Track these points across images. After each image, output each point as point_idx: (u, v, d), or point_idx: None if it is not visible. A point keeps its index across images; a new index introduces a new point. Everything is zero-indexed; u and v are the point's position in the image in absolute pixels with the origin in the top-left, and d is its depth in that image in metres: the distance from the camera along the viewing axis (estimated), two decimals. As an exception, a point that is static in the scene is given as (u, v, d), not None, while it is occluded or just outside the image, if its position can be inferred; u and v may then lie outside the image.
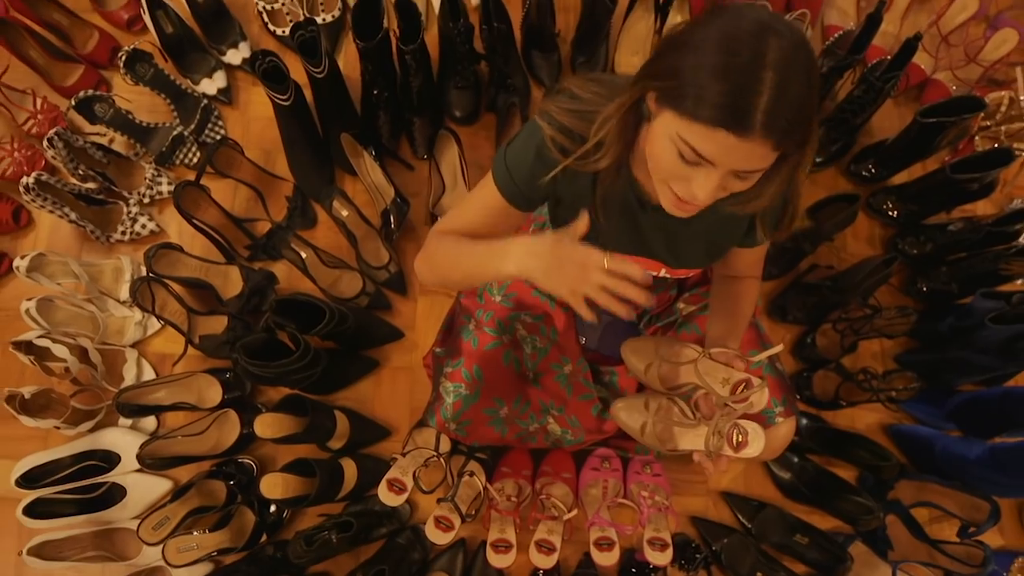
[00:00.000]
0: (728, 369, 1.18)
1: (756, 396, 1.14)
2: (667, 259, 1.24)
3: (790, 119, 0.80)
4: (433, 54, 1.96)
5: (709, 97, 0.80)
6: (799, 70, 0.80)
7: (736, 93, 0.79)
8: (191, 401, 1.76)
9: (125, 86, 1.95)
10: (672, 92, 0.85)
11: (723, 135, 0.81)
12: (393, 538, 1.73)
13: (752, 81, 0.78)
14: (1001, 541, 1.85)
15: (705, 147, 0.84)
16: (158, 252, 1.73)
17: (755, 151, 0.82)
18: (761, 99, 0.78)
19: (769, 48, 0.79)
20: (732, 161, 0.85)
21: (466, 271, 1.12)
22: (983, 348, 1.75)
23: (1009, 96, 2.02)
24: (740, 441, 1.17)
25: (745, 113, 0.79)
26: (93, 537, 1.71)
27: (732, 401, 1.14)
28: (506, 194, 1.14)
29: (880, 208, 1.98)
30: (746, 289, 1.35)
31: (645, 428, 1.25)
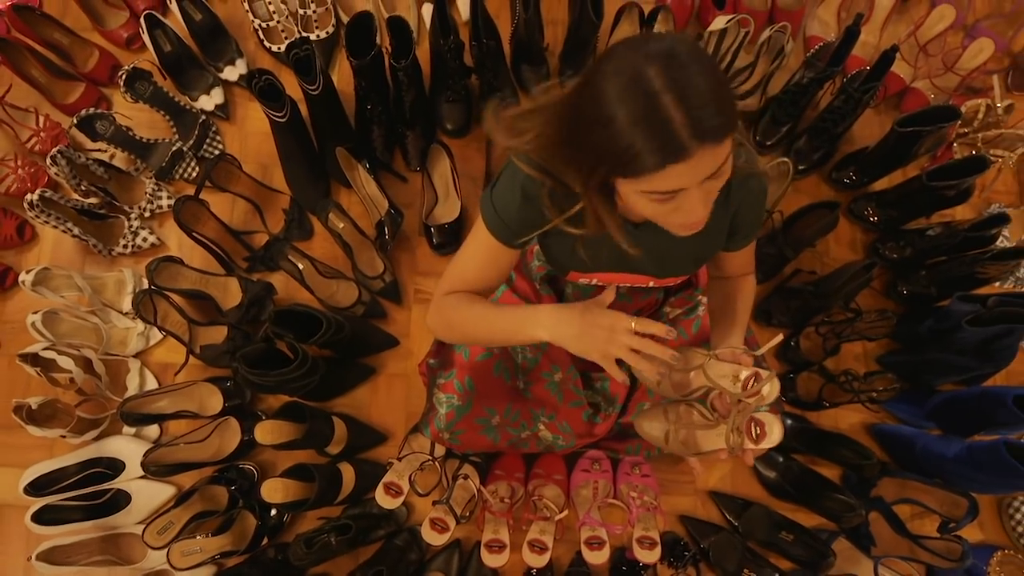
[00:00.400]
0: (736, 366, 1.20)
1: (767, 387, 1.16)
2: (654, 271, 1.28)
3: (712, 114, 0.82)
4: (425, 69, 2.01)
5: (639, 151, 0.83)
6: (686, 73, 0.81)
7: (655, 132, 0.82)
8: (193, 409, 1.81)
9: (125, 103, 1.99)
10: (611, 169, 0.89)
11: (673, 168, 0.84)
12: (391, 540, 1.78)
13: (658, 114, 0.81)
14: (981, 536, 1.90)
15: (668, 184, 0.88)
16: (159, 265, 1.78)
17: (708, 157, 0.85)
18: (676, 122, 0.81)
19: (650, 78, 0.81)
20: (698, 176, 0.88)
21: (492, 335, 1.18)
22: (960, 349, 1.80)
23: (986, 104, 2.08)
24: (759, 433, 1.19)
25: (674, 141, 0.82)
26: (100, 542, 1.76)
27: (744, 396, 1.16)
28: (499, 236, 1.16)
29: (861, 214, 2.04)
30: (741, 286, 1.38)
31: (668, 436, 1.28)
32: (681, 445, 1.26)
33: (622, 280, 1.30)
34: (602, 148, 0.87)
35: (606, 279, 1.30)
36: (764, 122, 2.07)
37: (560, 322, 1.07)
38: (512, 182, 1.11)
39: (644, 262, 1.23)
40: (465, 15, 2.09)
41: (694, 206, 0.93)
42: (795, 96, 1.98)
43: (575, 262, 1.23)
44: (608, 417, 1.64)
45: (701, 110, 0.81)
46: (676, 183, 0.87)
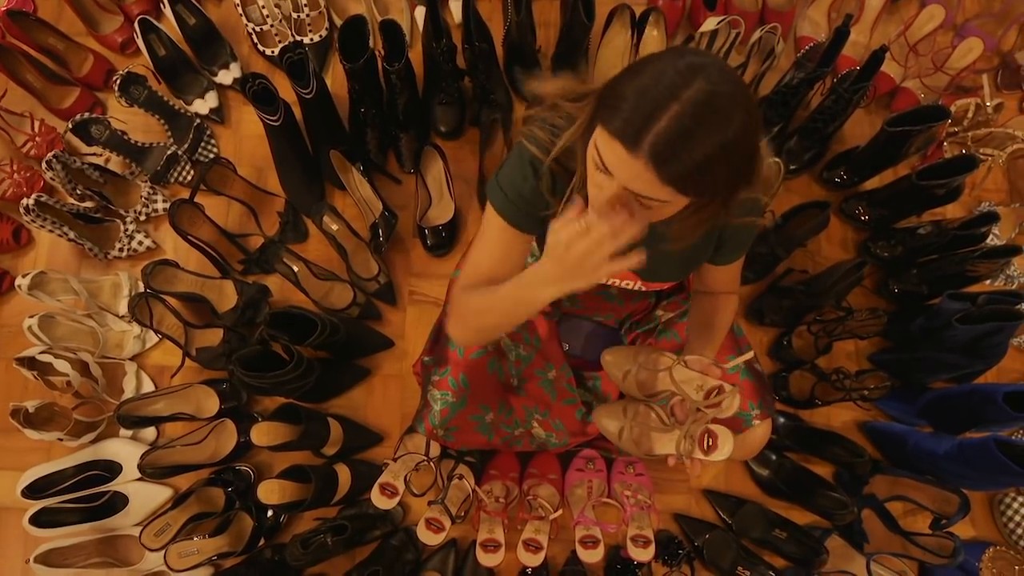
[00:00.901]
0: (703, 376, 1.23)
1: (727, 401, 1.19)
2: (642, 273, 1.31)
3: (682, 157, 0.83)
4: (418, 72, 2.02)
5: (620, 111, 0.86)
6: (711, 117, 0.83)
7: (639, 112, 0.84)
8: (189, 411, 1.82)
9: (120, 107, 2.00)
10: (603, 106, 0.91)
11: (618, 147, 0.87)
12: (387, 540, 1.79)
13: (656, 108, 0.83)
14: (972, 532, 1.91)
15: (606, 155, 0.90)
16: (155, 268, 1.79)
17: (642, 173, 0.86)
18: (657, 125, 0.83)
19: (691, 86, 0.83)
20: (625, 177, 0.90)
21: (504, 311, 1.14)
22: (951, 347, 1.81)
23: (976, 103, 2.09)
24: (711, 445, 1.22)
25: (638, 132, 0.84)
26: (97, 544, 1.77)
27: (704, 406, 1.19)
28: (510, 218, 1.17)
29: (852, 213, 2.05)
30: (722, 304, 1.40)
31: (623, 433, 1.31)
32: (633, 444, 1.29)
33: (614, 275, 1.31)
34: (615, 89, 0.89)
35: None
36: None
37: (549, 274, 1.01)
38: (520, 160, 1.13)
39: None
40: (458, 18, 2.10)
41: (601, 196, 0.95)
42: (786, 96, 1.99)
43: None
44: (601, 416, 1.65)
45: (678, 145, 0.83)
46: (611, 162, 0.90)
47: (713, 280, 1.38)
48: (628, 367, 1.34)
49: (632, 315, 1.67)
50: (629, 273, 1.32)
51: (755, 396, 1.48)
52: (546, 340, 1.63)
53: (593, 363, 1.68)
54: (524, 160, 1.13)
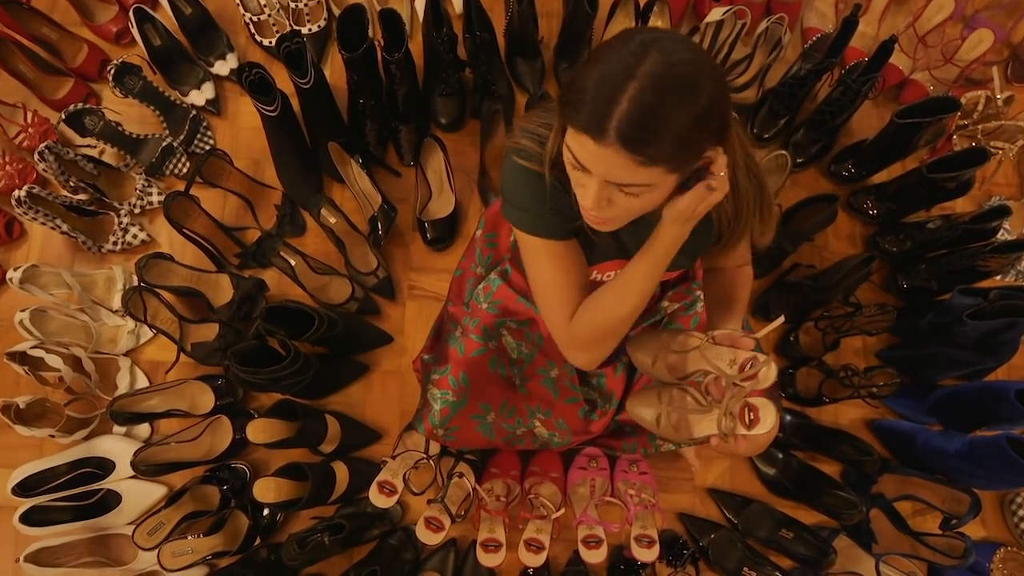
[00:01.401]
0: (733, 350, 1.19)
1: (763, 371, 1.15)
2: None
3: (648, 130, 0.82)
4: (418, 63, 1.99)
5: (582, 103, 0.84)
6: (674, 88, 0.81)
7: (600, 100, 0.82)
8: (184, 408, 1.79)
9: (114, 99, 1.97)
10: (566, 103, 0.88)
11: (587, 140, 0.85)
12: (385, 539, 1.75)
13: (615, 90, 0.81)
14: (983, 532, 1.88)
15: (579, 153, 0.88)
16: (149, 262, 1.75)
17: (616, 160, 0.85)
18: (618, 108, 0.81)
19: (645, 61, 0.81)
20: (601, 169, 0.88)
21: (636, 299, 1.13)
22: (962, 344, 1.78)
23: (985, 95, 2.06)
24: (752, 419, 1.17)
25: (602, 120, 0.82)
26: (89, 543, 1.73)
27: (740, 379, 1.14)
28: (544, 232, 1.13)
29: (860, 207, 2.01)
30: (737, 278, 1.36)
31: (660, 420, 1.26)
32: (672, 429, 1.25)
33: (618, 267, 1.28)
34: (574, 84, 0.87)
35: (604, 269, 1.28)
36: (761, 115, 2.04)
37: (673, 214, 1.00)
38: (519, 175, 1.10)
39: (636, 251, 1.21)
40: (458, 7, 2.06)
41: (587, 193, 0.94)
42: (793, 88, 1.96)
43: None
44: (604, 414, 1.62)
45: (645, 119, 0.81)
46: (585, 158, 0.88)
47: (722, 259, 1.34)
48: (656, 352, 1.29)
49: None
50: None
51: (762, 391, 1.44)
52: (548, 338, 1.59)
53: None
54: (522, 174, 1.09)
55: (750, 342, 1.17)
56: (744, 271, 1.38)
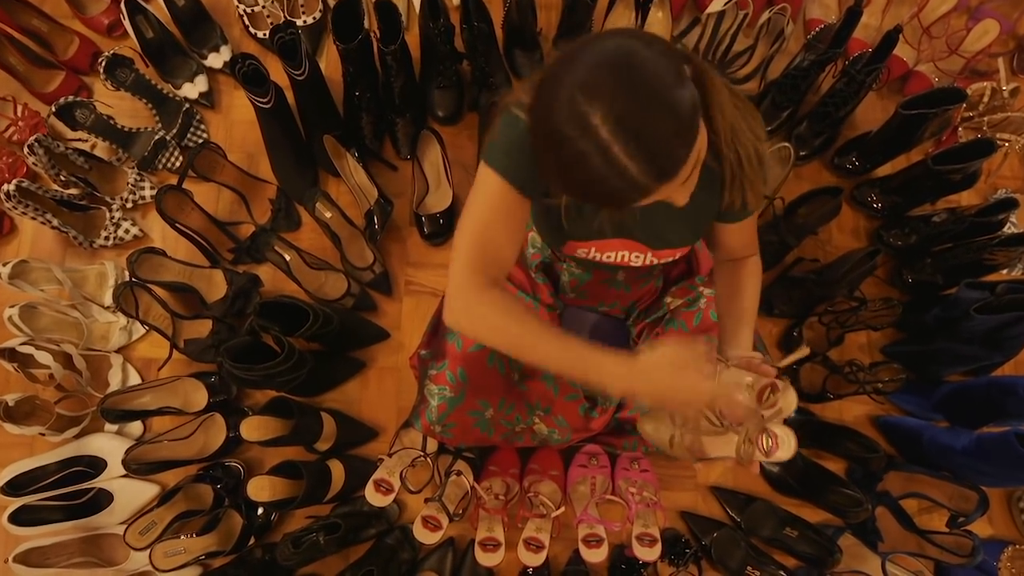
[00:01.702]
0: (752, 375, 1.14)
1: (784, 401, 1.12)
2: (650, 241, 1.24)
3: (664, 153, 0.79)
4: (415, 55, 1.96)
5: (609, 196, 0.82)
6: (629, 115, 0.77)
7: (618, 179, 0.80)
8: (177, 405, 1.76)
9: (106, 92, 1.93)
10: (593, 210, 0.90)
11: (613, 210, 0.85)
12: (382, 538, 1.72)
13: (614, 166, 0.79)
14: (991, 531, 1.84)
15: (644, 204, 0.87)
16: (140, 257, 1.72)
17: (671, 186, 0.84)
18: (631, 172, 0.79)
19: (596, 129, 0.77)
20: (668, 193, 0.87)
21: (540, 359, 1.04)
22: (968, 338, 1.75)
23: (991, 87, 2.02)
24: (771, 445, 1.13)
25: (636, 185, 0.80)
26: (80, 543, 1.70)
27: (760, 408, 1.11)
28: (509, 175, 1.03)
29: (864, 200, 1.98)
30: (746, 271, 1.31)
31: (673, 441, 1.22)
32: (686, 451, 1.20)
33: (619, 247, 1.25)
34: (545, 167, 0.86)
35: (603, 247, 1.25)
36: (764, 107, 2.01)
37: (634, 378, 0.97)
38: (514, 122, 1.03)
39: (639, 229, 1.21)
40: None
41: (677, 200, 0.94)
42: (796, 80, 1.93)
43: (573, 228, 1.19)
44: (605, 411, 1.59)
45: (654, 157, 0.79)
46: (651, 201, 0.87)
47: (729, 242, 1.29)
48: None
49: (638, 303, 1.61)
50: (637, 244, 1.24)
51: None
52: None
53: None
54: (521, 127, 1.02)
55: (770, 370, 1.13)
56: (750, 263, 1.33)
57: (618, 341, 1.62)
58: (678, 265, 1.59)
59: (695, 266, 1.59)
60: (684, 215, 1.15)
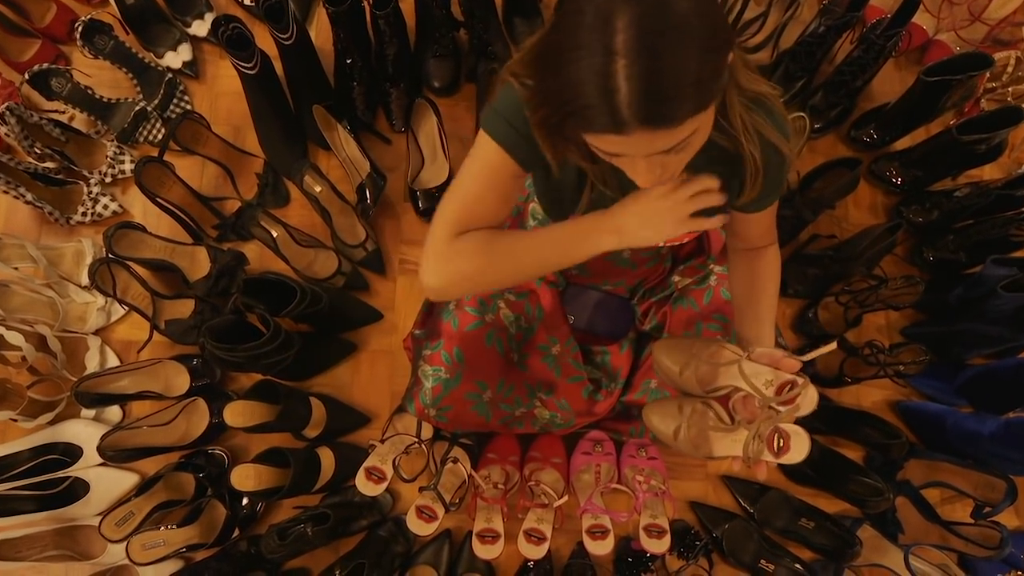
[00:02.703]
0: (772, 370, 1.06)
1: (803, 398, 1.04)
2: None
3: (666, 97, 0.72)
4: (410, 23, 1.87)
5: (581, 110, 0.75)
6: (657, 37, 0.70)
7: (598, 98, 0.72)
8: (157, 389, 1.66)
9: (85, 61, 1.84)
10: (565, 120, 0.80)
11: (611, 137, 0.77)
12: (374, 530, 1.64)
13: (606, 79, 0.71)
14: (1017, 522, 1.76)
15: (609, 148, 0.80)
16: (118, 232, 1.63)
17: (650, 139, 0.76)
18: (620, 95, 0.71)
19: (615, 32, 0.70)
20: (640, 151, 0.80)
21: (533, 267, 1.06)
22: (995, 318, 1.66)
23: (1016, 56, 1.93)
24: (782, 446, 1.06)
25: (615, 115, 0.73)
26: (54, 535, 1.61)
27: (777, 403, 1.02)
28: (510, 147, 0.98)
29: (883, 175, 1.89)
30: (763, 261, 1.23)
31: (679, 433, 1.13)
32: (691, 445, 1.12)
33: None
34: (549, 93, 0.80)
35: None
36: (776, 77, 1.91)
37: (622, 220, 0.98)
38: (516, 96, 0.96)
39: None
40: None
41: (637, 174, 0.87)
42: (811, 47, 1.83)
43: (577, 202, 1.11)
44: (610, 394, 1.52)
45: (656, 89, 0.71)
46: (618, 150, 0.81)
47: (747, 231, 1.20)
48: (685, 360, 1.15)
49: (645, 282, 1.52)
50: None
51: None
52: (549, 311, 1.48)
53: (601, 336, 1.53)
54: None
55: (794, 364, 1.05)
56: (769, 253, 1.24)
57: (623, 319, 1.54)
58: (688, 243, 1.49)
59: (706, 245, 1.50)
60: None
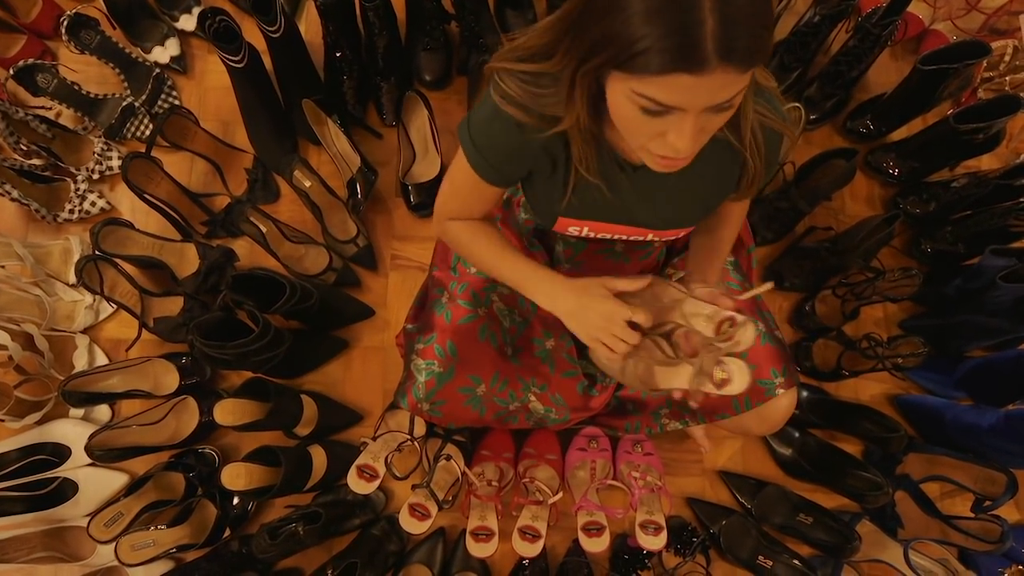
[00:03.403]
0: (714, 308, 1.09)
1: (741, 333, 1.06)
2: (654, 223, 1.13)
3: (748, 34, 0.70)
4: (400, 16, 1.85)
5: (652, 45, 0.71)
6: None
7: (679, 31, 0.69)
8: (146, 388, 1.64)
9: (72, 57, 1.82)
10: (612, 59, 0.75)
11: (682, 78, 0.72)
12: (367, 529, 1.61)
13: (690, 11, 0.69)
14: (1018, 515, 1.74)
15: (667, 96, 0.75)
16: (105, 228, 1.60)
17: (721, 82, 0.73)
18: (706, 27, 0.69)
19: None
20: (702, 100, 0.76)
21: (495, 274, 1.20)
22: (994, 310, 1.64)
23: (1013, 45, 1.91)
24: (723, 379, 1.08)
25: (696, 48, 0.70)
26: (43, 536, 1.58)
27: (717, 340, 1.06)
28: (479, 171, 1.05)
29: (880, 166, 1.87)
30: (727, 210, 1.22)
31: (626, 369, 1.18)
32: (638, 380, 1.18)
33: (616, 232, 1.16)
34: (607, 35, 0.74)
35: (598, 229, 1.16)
36: (771, 68, 1.89)
37: (558, 296, 1.10)
38: (492, 113, 0.98)
39: (641, 210, 1.10)
40: (443, -46, 1.91)
41: (683, 134, 0.80)
42: (805, 38, 1.81)
43: (563, 205, 1.09)
44: (605, 389, 1.49)
45: (740, 24, 0.69)
46: (678, 98, 0.76)
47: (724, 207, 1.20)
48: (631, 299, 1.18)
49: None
50: (635, 229, 1.15)
51: (778, 363, 1.30)
52: (543, 306, 1.45)
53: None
54: (496, 117, 0.97)
55: (729, 303, 1.06)
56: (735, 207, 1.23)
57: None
58: (681, 237, 1.47)
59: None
60: (696, 193, 1.09)
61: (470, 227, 1.19)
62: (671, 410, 1.44)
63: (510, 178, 1.08)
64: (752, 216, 1.80)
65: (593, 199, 1.07)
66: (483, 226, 1.20)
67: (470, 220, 1.19)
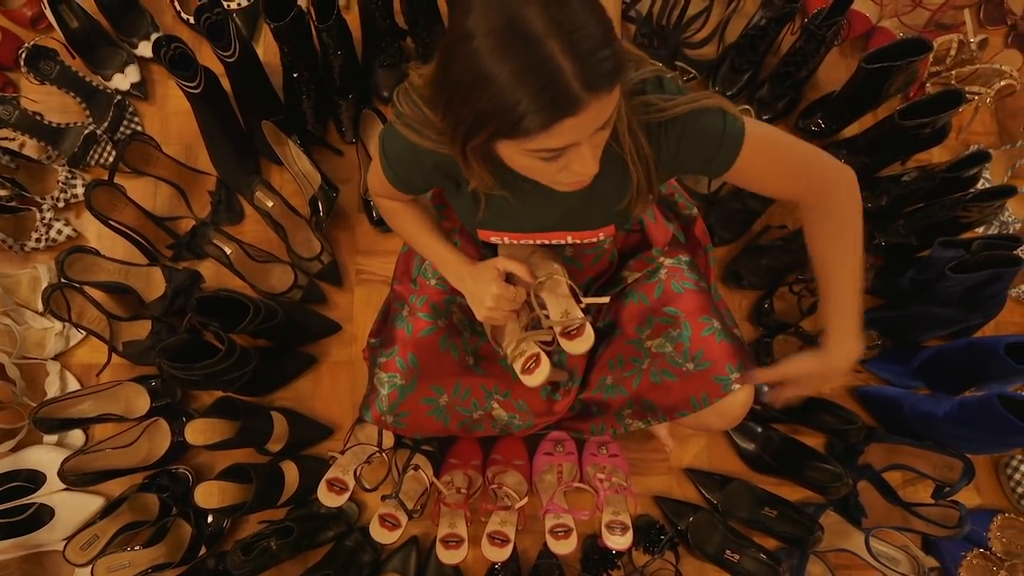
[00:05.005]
0: (572, 305, 1.25)
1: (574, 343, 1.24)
2: (566, 223, 1.17)
3: (601, 59, 0.74)
4: (356, 35, 1.87)
5: (529, 107, 0.74)
6: (569, 10, 0.72)
7: (547, 84, 0.73)
8: (118, 412, 1.66)
9: (33, 88, 1.84)
10: (496, 132, 0.79)
11: (565, 123, 0.76)
12: (341, 541, 1.64)
13: (545, 65, 0.72)
14: (978, 500, 1.77)
15: (559, 141, 0.80)
16: (70, 256, 1.62)
17: (598, 109, 0.77)
18: (566, 72, 0.72)
19: (530, 22, 0.71)
20: (589, 129, 0.80)
21: (418, 252, 1.36)
22: (946, 300, 1.68)
23: (958, 39, 1.94)
24: (530, 367, 1.25)
25: (566, 94, 0.73)
26: (20, 562, 1.61)
27: (549, 326, 1.24)
28: (387, 176, 1.13)
29: (832, 163, 1.90)
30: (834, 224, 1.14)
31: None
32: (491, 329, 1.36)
33: (535, 239, 1.22)
34: (482, 111, 0.77)
35: (517, 238, 1.22)
36: (723, 72, 1.93)
37: (463, 279, 1.26)
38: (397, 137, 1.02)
39: (550, 211, 1.14)
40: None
41: (585, 161, 0.85)
42: (754, 40, 1.85)
43: (480, 218, 1.14)
44: (568, 393, 1.51)
45: (591, 55, 0.73)
46: (567, 139, 0.80)
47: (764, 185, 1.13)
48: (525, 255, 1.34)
49: (595, 280, 1.52)
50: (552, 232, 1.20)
51: (733, 359, 1.31)
52: (503, 314, 1.48)
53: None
54: (401, 139, 1.02)
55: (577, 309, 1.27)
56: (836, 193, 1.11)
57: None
58: (632, 236, 1.50)
59: (650, 239, 1.50)
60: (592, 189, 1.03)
61: (399, 205, 1.28)
62: (633, 410, 1.46)
63: (416, 188, 1.18)
64: (709, 218, 1.83)
65: (503, 210, 1.11)
66: (409, 207, 1.29)
67: (409, 204, 1.29)
